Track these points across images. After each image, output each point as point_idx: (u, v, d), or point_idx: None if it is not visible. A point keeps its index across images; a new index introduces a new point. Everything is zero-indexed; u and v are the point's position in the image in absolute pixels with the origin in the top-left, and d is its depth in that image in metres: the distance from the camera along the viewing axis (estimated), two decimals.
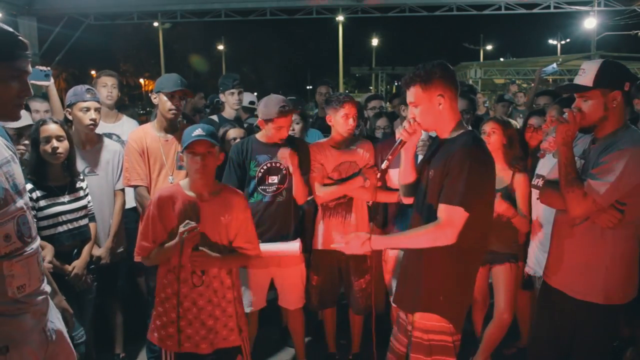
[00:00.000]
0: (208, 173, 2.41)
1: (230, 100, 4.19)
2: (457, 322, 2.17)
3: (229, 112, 4.24)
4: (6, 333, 1.58)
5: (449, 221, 2.02)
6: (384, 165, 2.27)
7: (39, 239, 1.76)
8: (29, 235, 1.66)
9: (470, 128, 2.21)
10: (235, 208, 2.50)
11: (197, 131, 2.37)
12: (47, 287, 1.78)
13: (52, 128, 2.79)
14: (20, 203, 1.64)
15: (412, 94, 2.15)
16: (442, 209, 2.04)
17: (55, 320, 1.82)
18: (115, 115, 4.04)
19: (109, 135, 3.69)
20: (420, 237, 2.10)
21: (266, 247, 2.95)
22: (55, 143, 2.77)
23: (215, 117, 4.25)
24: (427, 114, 2.13)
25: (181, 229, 2.28)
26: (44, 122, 2.81)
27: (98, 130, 3.60)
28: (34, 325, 1.67)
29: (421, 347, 2.18)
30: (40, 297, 1.71)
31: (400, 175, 2.40)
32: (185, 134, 2.42)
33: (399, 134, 2.22)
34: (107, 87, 3.93)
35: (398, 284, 2.42)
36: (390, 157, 2.22)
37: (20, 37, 1.57)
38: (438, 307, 2.14)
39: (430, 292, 2.15)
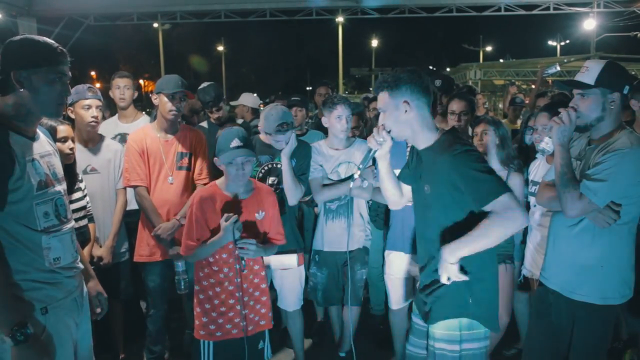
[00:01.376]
0: (247, 178, 2.56)
1: (211, 116, 4.25)
2: (492, 325, 2.12)
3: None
4: (44, 297, 1.86)
5: (507, 207, 1.87)
6: (356, 175, 2.28)
7: (73, 221, 2.08)
8: (65, 215, 1.96)
9: (444, 129, 2.15)
10: (267, 204, 2.66)
11: (235, 142, 2.47)
12: (80, 265, 2.07)
13: (67, 129, 2.87)
14: (58, 188, 1.96)
15: (380, 99, 2.12)
16: (492, 207, 1.90)
17: (85, 295, 2.11)
18: (134, 114, 4.07)
19: (124, 137, 3.73)
20: (491, 230, 1.91)
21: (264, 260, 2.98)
22: (71, 144, 2.86)
23: (205, 124, 4.24)
24: (393, 121, 2.08)
25: (223, 222, 2.43)
26: (59, 122, 2.85)
27: (113, 130, 3.62)
28: (67, 294, 1.95)
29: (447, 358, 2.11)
30: (73, 271, 2.00)
31: (381, 186, 2.38)
32: (222, 143, 2.50)
33: (369, 142, 2.18)
34: (120, 89, 3.98)
35: (417, 295, 2.32)
36: (361, 165, 2.22)
37: (60, 48, 1.87)
38: (467, 311, 2.07)
39: (456, 296, 2.07)
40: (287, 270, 3.14)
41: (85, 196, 3.02)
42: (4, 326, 1.69)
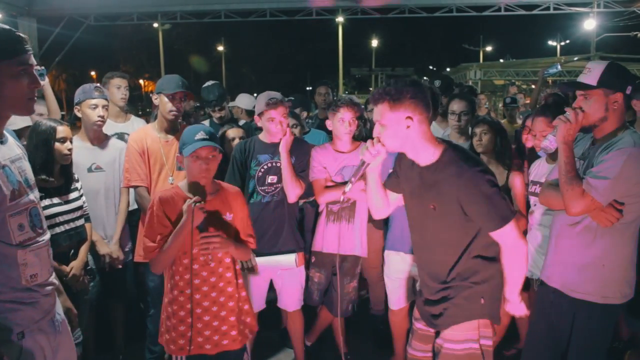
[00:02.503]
0: (211, 176, 2.39)
1: (214, 115, 4.31)
2: (497, 319, 2.18)
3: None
4: (21, 320, 1.67)
5: (512, 239, 2.01)
6: (347, 189, 2.17)
7: (48, 232, 1.85)
8: (40, 226, 1.77)
9: (440, 139, 2.11)
10: (235, 205, 2.49)
11: (200, 134, 2.33)
12: (55, 280, 1.87)
13: (66, 130, 2.88)
14: (31, 196, 1.75)
15: (379, 111, 2.01)
16: (498, 235, 2.01)
17: (61, 313, 1.92)
18: (125, 115, 4.15)
19: (121, 135, 3.77)
20: (518, 268, 2.10)
21: (263, 261, 3.02)
22: (69, 144, 2.87)
23: (206, 122, 4.27)
24: (392, 135, 2.00)
25: (188, 202, 2.27)
26: (59, 123, 2.89)
27: (109, 130, 3.66)
28: (45, 314, 1.76)
29: (454, 357, 2.12)
30: (50, 288, 1.80)
31: (368, 196, 2.33)
32: (186, 136, 2.36)
33: (362, 155, 2.11)
34: (120, 89, 4.05)
35: (418, 300, 2.34)
36: (353, 179, 2.12)
37: (18, 33, 1.66)
38: (481, 312, 2.11)
39: (469, 299, 2.10)
40: (288, 270, 3.15)
41: (81, 196, 3.02)
42: None
